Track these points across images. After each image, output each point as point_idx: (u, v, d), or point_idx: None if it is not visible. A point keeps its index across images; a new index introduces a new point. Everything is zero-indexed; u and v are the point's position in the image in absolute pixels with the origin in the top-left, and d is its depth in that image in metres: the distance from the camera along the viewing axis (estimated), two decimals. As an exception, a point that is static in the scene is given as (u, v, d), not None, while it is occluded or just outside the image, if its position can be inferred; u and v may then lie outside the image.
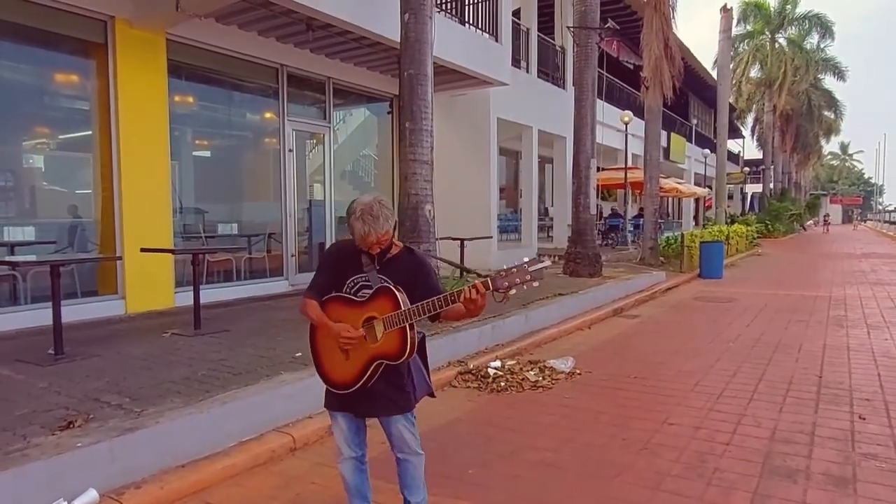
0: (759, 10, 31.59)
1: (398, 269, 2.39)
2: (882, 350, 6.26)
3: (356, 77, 10.10)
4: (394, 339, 2.31)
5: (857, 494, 3.12)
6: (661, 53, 13.51)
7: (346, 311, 2.38)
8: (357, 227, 2.28)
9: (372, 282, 2.37)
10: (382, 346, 2.33)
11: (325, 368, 2.48)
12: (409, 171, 6.61)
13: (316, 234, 9.81)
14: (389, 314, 2.29)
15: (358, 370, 2.37)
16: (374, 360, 2.34)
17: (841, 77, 35.51)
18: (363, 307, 2.35)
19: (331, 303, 2.42)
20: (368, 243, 2.31)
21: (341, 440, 2.56)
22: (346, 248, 2.45)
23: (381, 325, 2.32)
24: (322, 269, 2.51)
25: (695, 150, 28.70)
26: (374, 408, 2.47)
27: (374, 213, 2.27)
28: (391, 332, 2.30)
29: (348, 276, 2.41)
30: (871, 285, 11.74)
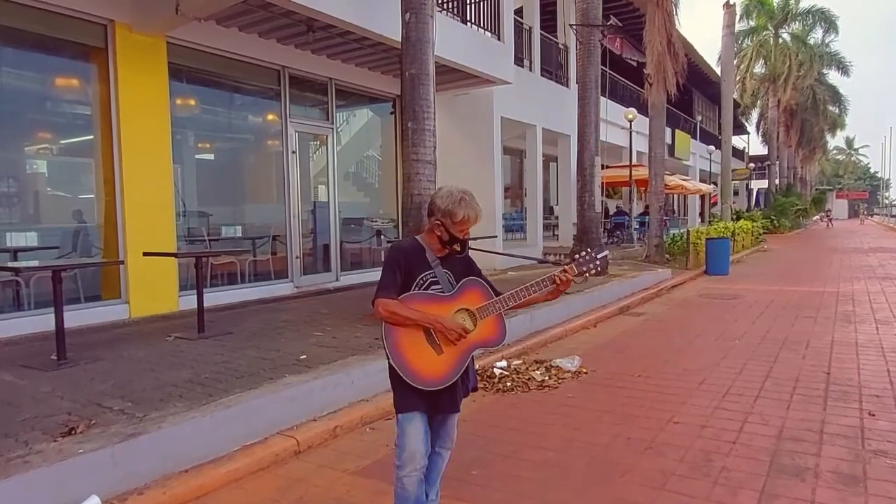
0: (762, 5, 31.41)
1: (457, 264, 2.54)
2: (891, 345, 6.19)
3: (358, 78, 10.09)
4: (492, 326, 2.48)
5: (867, 493, 3.08)
6: (665, 50, 13.46)
7: (434, 307, 2.43)
8: (463, 211, 2.44)
9: (438, 277, 2.48)
10: (481, 334, 2.46)
11: (416, 367, 2.39)
12: (412, 171, 6.58)
13: (320, 235, 9.82)
14: (483, 304, 2.45)
15: (456, 362, 2.44)
16: (472, 348, 2.48)
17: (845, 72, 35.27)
18: (452, 301, 2.45)
19: (413, 301, 2.42)
20: (467, 229, 2.48)
21: (416, 449, 2.44)
22: (410, 247, 2.55)
23: (473, 315, 2.45)
24: (392, 269, 2.48)
25: (699, 146, 28.56)
26: (454, 402, 2.54)
27: (472, 197, 2.50)
28: (487, 319, 2.46)
29: (417, 274, 2.48)
30: (879, 280, 11.64)
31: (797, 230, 31.96)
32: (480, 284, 2.49)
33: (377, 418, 4.31)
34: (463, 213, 2.43)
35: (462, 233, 2.48)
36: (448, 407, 2.54)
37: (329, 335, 5.70)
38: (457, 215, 2.43)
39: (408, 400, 2.45)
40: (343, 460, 3.62)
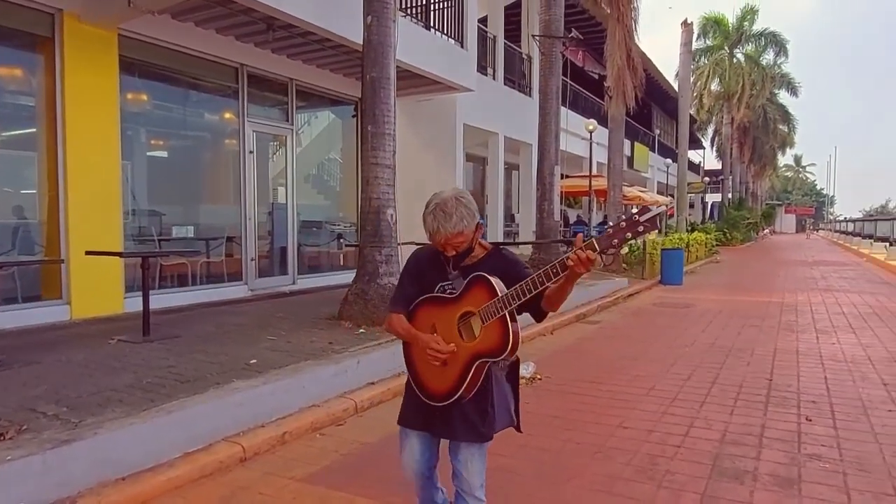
0: (718, 25, 32.50)
1: (485, 269, 2.11)
2: (829, 354, 6.43)
3: (320, 79, 10.00)
4: (493, 333, 2.03)
5: (801, 495, 3.18)
6: (624, 64, 13.78)
7: (438, 311, 2.16)
8: (427, 223, 2.10)
9: (456, 287, 2.15)
10: (482, 343, 2.06)
11: (423, 379, 2.22)
12: (371, 175, 6.54)
13: (278, 238, 9.66)
14: (486, 304, 2.02)
15: (457, 375, 2.10)
16: (474, 359, 2.07)
17: (794, 93, 36.83)
18: (456, 303, 2.11)
19: (421, 307, 2.22)
20: (437, 242, 2.11)
21: (407, 462, 2.34)
22: (427, 255, 2.26)
23: (479, 319, 2.06)
24: (405, 280, 2.30)
25: (657, 159, 29.29)
26: (450, 428, 2.20)
27: (448, 210, 2.05)
28: (489, 325, 2.03)
29: (432, 282, 2.21)
30: (821, 292, 12.10)
31: (748, 243, 33.03)
32: (485, 281, 2.04)
33: (328, 424, 4.25)
34: (425, 221, 2.13)
35: (438, 246, 2.13)
36: (441, 430, 2.24)
37: (283, 340, 5.59)
38: (424, 223, 2.14)
39: (402, 413, 2.35)
40: (291, 467, 3.54)
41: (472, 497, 2.23)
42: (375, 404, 4.75)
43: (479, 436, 2.18)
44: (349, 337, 5.75)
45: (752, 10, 32.41)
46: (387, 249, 6.58)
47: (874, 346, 6.81)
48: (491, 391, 2.19)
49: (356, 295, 6.51)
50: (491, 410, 2.18)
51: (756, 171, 45.20)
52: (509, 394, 2.28)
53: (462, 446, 2.21)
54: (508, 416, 2.27)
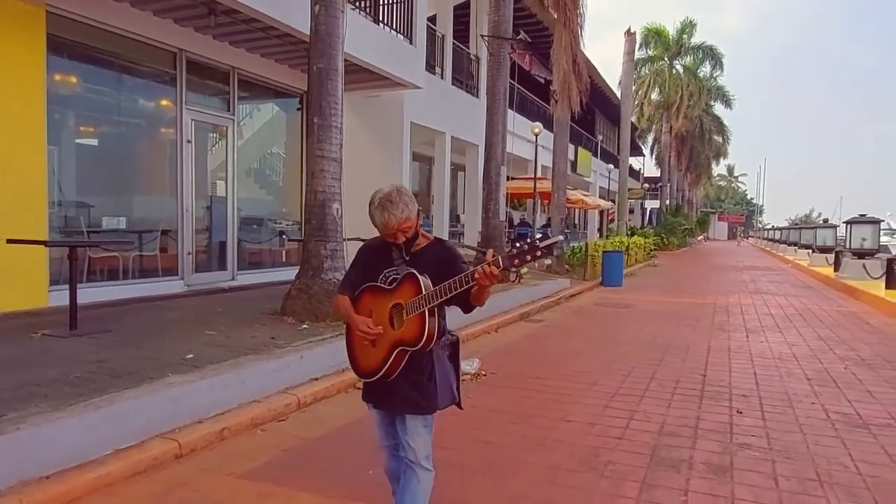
0: (659, 37, 33.67)
1: (427, 260, 2.38)
2: (758, 351, 6.75)
3: (264, 69, 9.75)
4: (413, 325, 2.29)
5: (733, 481, 3.31)
6: (570, 69, 14.06)
7: (375, 300, 2.40)
8: (377, 217, 2.30)
9: (401, 274, 2.38)
10: (403, 333, 2.32)
11: (356, 356, 2.49)
12: (317, 167, 6.42)
13: (217, 232, 9.35)
14: (412, 299, 2.29)
15: (381, 358, 2.36)
16: (395, 346, 2.33)
17: (728, 105, 38.60)
18: (390, 295, 2.36)
19: (363, 294, 2.45)
20: (390, 231, 2.31)
21: (377, 430, 2.61)
22: (376, 245, 2.49)
23: (405, 311, 2.32)
24: (354, 266, 2.55)
25: (600, 164, 30.07)
26: (391, 405, 2.45)
27: (393, 200, 2.28)
28: (412, 317, 2.29)
29: (378, 271, 2.43)
30: (750, 294, 12.71)
31: (684, 248, 34.33)
32: (416, 279, 2.29)
33: (269, 420, 4.13)
34: (372, 216, 2.33)
35: (388, 237, 2.34)
36: (384, 405, 2.47)
37: (222, 335, 5.41)
38: (373, 219, 2.34)
39: (363, 390, 2.58)
40: (229, 463, 3.42)
41: (418, 466, 2.41)
42: (319, 400, 4.66)
43: (420, 408, 2.39)
44: (292, 332, 5.61)
45: (691, 24, 33.78)
46: (332, 244, 6.47)
47: (799, 344, 7.19)
48: (431, 369, 2.39)
49: (300, 290, 6.37)
50: (431, 386, 2.39)
51: (692, 180, 47.08)
52: (451, 372, 2.49)
53: (407, 419, 2.40)
54: (451, 392, 2.48)
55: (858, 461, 3.61)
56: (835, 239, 19.05)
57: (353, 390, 5.00)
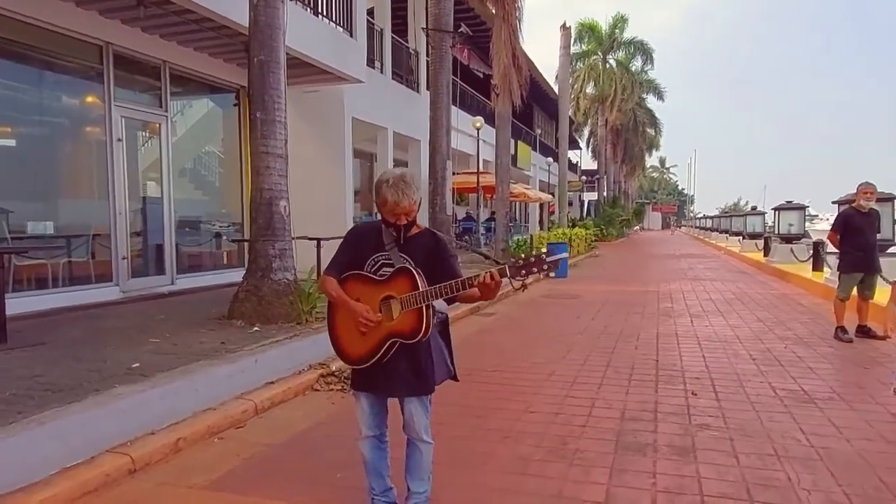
0: (592, 32, 34.50)
1: (419, 249, 2.44)
2: (704, 335, 7.00)
3: (198, 63, 9.35)
4: (410, 319, 2.35)
5: (697, 461, 3.40)
6: (510, 62, 14.18)
7: (364, 289, 2.42)
8: (390, 195, 2.33)
9: (393, 259, 2.42)
10: (398, 325, 2.36)
11: (342, 343, 2.52)
12: (262, 164, 6.19)
13: (152, 235, 8.90)
14: (407, 294, 2.33)
15: (372, 347, 2.41)
16: (388, 338, 2.38)
17: (661, 97, 40.01)
18: (382, 286, 2.39)
19: (350, 280, 2.46)
20: (398, 212, 2.35)
21: (361, 419, 2.62)
22: (367, 228, 2.56)
23: (399, 304, 2.35)
24: (343, 248, 2.55)
25: (539, 158, 30.55)
26: (391, 387, 2.51)
27: (407, 182, 2.35)
28: (408, 311, 2.34)
29: (370, 255, 2.46)
30: (690, 281, 13.20)
31: (622, 238, 35.38)
32: (411, 274, 2.36)
33: (226, 427, 3.95)
34: (384, 195, 2.35)
35: (392, 217, 2.39)
36: (385, 390, 2.54)
37: (168, 342, 5.14)
38: (379, 194, 2.38)
39: (353, 378, 2.63)
40: (188, 475, 3.24)
41: (420, 441, 2.60)
42: (276, 404, 4.50)
43: (419, 390, 2.52)
44: (243, 336, 5.40)
45: (623, 19, 34.78)
46: (280, 243, 6.27)
47: (741, 326, 7.50)
48: (428, 350, 2.48)
49: (248, 292, 6.14)
50: (429, 367, 2.49)
51: (628, 172, 48.61)
52: (444, 348, 2.60)
53: (406, 400, 2.54)
54: (446, 367, 2.61)
55: (809, 434, 3.78)
56: (763, 225, 20.09)
57: (311, 392, 4.87)
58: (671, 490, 3.04)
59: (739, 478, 3.17)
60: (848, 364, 5.64)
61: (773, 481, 3.13)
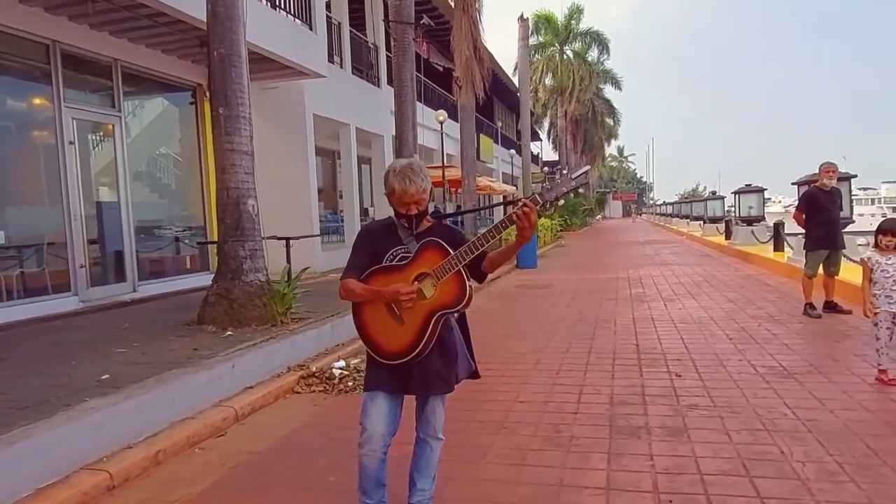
0: (549, 23, 34.73)
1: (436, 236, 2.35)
2: (679, 318, 7.08)
3: (151, 61, 9.01)
4: (449, 287, 2.25)
5: (691, 441, 3.40)
6: (472, 55, 14.13)
7: (391, 278, 2.31)
8: (397, 184, 2.28)
9: (412, 251, 2.33)
10: (439, 298, 2.26)
11: (379, 341, 2.36)
12: (227, 162, 5.98)
13: (110, 241, 8.53)
14: (440, 263, 2.24)
15: (418, 329, 2.27)
16: (433, 314, 2.27)
17: (618, 87, 40.59)
18: (408, 268, 2.30)
19: (373, 276, 2.35)
20: (407, 200, 2.29)
21: (374, 422, 2.38)
22: (379, 226, 2.48)
23: (433, 277, 2.26)
24: (357, 250, 2.44)
25: (501, 150, 30.65)
26: (427, 383, 2.38)
27: (414, 169, 2.30)
28: (445, 281, 2.24)
29: (385, 251, 2.37)
30: (657, 266, 13.40)
31: (585, 227, 35.82)
32: (436, 244, 2.28)
33: (206, 437, 3.79)
34: (392, 185, 2.30)
35: (402, 207, 2.32)
36: (420, 386, 2.39)
37: (137, 351, 4.91)
38: (387, 185, 2.32)
39: (372, 378, 2.43)
40: (172, 489, 3.08)
41: (435, 439, 2.55)
42: (257, 410, 4.35)
43: (449, 387, 2.46)
44: (216, 341, 5.21)
45: (578, 10, 35.09)
46: (251, 243, 6.07)
47: (713, 308, 7.62)
48: (454, 342, 2.42)
49: (219, 295, 5.92)
50: (454, 360, 2.42)
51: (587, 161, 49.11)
52: (463, 342, 2.51)
53: (431, 398, 2.47)
54: (468, 362, 2.52)
55: (794, 408, 3.83)
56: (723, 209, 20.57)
57: (292, 395, 4.73)
58: (671, 471, 3.02)
59: (734, 454, 3.18)
60: (820, 338, 5.78)
61: (767, 455, 3.15)
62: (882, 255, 4.33)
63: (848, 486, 2.76)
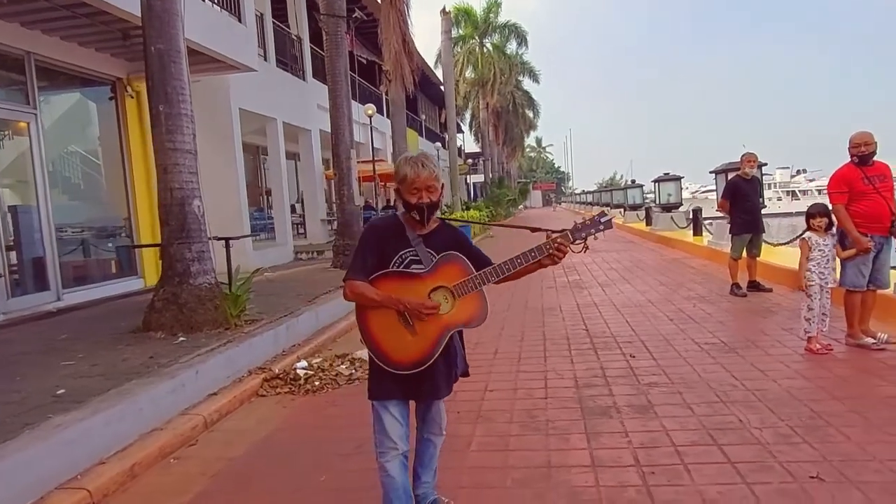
0: (468, 16, 35.07)
1: (444, 241, 2.33)
2: (620, 302, 7.46)
3: (68, 54, 8.41)
4: (470, 305, 2.25)
5: (659, 416, 3.65)
6: (401, 48, 14.11)
7: (406, 286, 2.24)
8: (409, 169, 2.23)
9: (421, 255, 2.28)
10: (458, 314, 2.24)
11: (389, 350, 2.28)
12: (170, 161, 5.73)
13: (27, 248, 7.93)
14: (461, 281, 2.22)
15: (431, 343, 2.24)
16: (448, 329, 2.26)
17: (536, 80, 41.60)
18: (426, 279, 2.25)
19: (383, 281, 2.27)
20: (419, 185, 2.23)
21: (389, 432, 2.33)
22: (388, 225, 2.39)
23: (450, 293, 2.23)
24: (364, 250, 2.35)
25: (425, 143, 30.72)
26: (436, 387, 2.35)
27: (422, 159, 2.26)
28: (465, 298, 2.24)
29: (395, 252, 2.29)
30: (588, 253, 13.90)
31: (510, 218, 36.59)
32: (459, 259, 2.26)
33: (178, 446, 3.68)
34: (403, 171, 2.25)
35: (413, 196, 2.25)
36: (429, 393, 2.37)
37: (86, 363, 4.65)
38: (398, 173, 2.28)
39: (381, 386, 2.35)
40: (155, 502, 2.99)
41: (439, 435, 2.57)
42: (224, 416, 4.26)
43: (451, 388, 2.45)
44: (171, 347, 5.01)
45: (497, 3, 35.61)
46: (197, 245, 5.86)
47: (648, 291, 8.08)
48: (455, 349, 2.43)
49: (166, 300, 5.68)
50: (455, 364, 2.44)
51: (509, 153, 50.20)
52: (460, 343, 2.53)
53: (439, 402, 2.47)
54: (463, 363, 2.53)
55: (742, 379, 4.18)
56: (642, 197, 21.64)
57: (257, 399, 4.66)
58: (646, 445, 3.25)
59: (699, 426, 3.46)
60: (749, 315, 6.28)
61: (728, 424, 3.44)
62: (819, 236, 4.79)
63: (803, 447, 3.07)
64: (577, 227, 2.31)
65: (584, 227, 2.32)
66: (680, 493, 2.72)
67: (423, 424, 2.53)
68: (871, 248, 4.63)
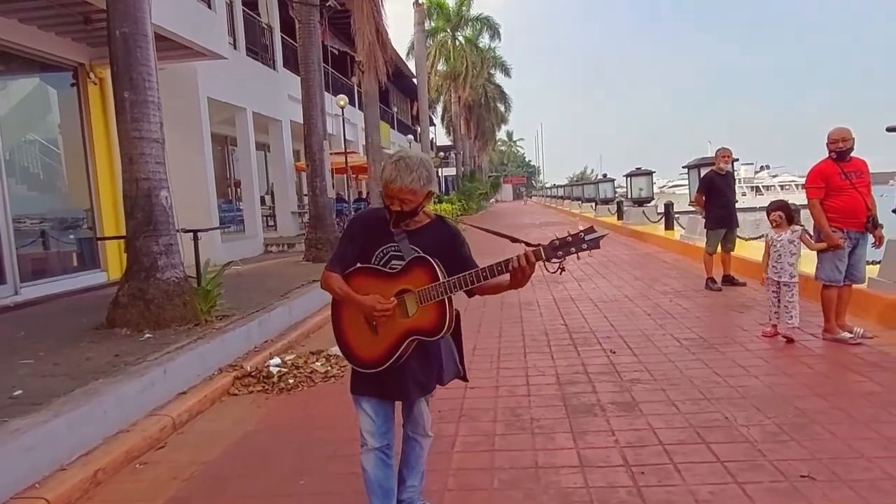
0: (440, 8, 34.83)
1: (430, 239, 2.22)
2: (597, 297, 7.45)
3: (26, 38, 8.01)
4: (430, 314, 2.12)
5: (644, 414, 3.61)
6: (374, 39, 13.87)
7: (375, 283, 2.18)
8: (387, 171, 2.12)
9: (403, 251, 2.19)
10: (417, 321, 2.13)
11: (352, 346, 2.27)
12: (136, 151, 5.47)
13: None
14: (426, 287, 2.10)
15: (389, 346, 2.17)
16: (407, 335, 2.15)
17: (508, 74, 41.62)
18: (395, 279, 2.16)
19: (357, 275, 2.23)
20: (391, 191, 2.11)
21: (365, 428, 2.32)
22: (374, 216, 2.29)
23: (416, 298, 2.12)
24: (346, 239, 2.30)
25: (398, 136, 30.46)
26: (403, 390, 2.27)
27: (410, 165, 2.10)
28: (427, 305, 2.11)
29: (377, 246, 2.23)
30: (560, 246, 13.97)
31: (482, 211, 36.59)
32: (429, 263, 2.13)
33: (146, 449, 3.51)
34: (386, 171, 2.12)
35: (387, 198, 2.14)
36: (396, 393, 2.29)
37: (46, 362, 4.41)
38: (383, 170, 2.17)
39: (353, 382, 2.33)
40: (123, 511, 2.82)
41: (424, 436, 2.48)
42: (194, 416, 4.08)
43: (428, 391, 2.36)
44: (137, 345, 4.79)
45: (469, -5, 35.43)
46: (165, 238, 5.62)
47: (624, 286, 8.08)
48: (438, 352, 2.31)
49: (132, 296, 5.44)
50: (437, 365, 2.32)
51: (480, 146, 50.18)
52: (453, 347, 2.42)
53: (420, 401, 2.38)
54: (455, 367, 2.43)
55: (725, 376, 4.17)
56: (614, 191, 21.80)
57: (228, 398, 4.49)
58: (634, 444, 3.19)
59: (686, 424, 3.42)
60: (726, 310, 6.32)
61: (714, 422, 3.42)
62: (775, 233, 4.84)
63: (791, 445, 3.05)
64: (555, 245, 2.01)
65: (563, 244, 2.00)
66: (671, 494, 2.67)
67: (406, 423, 2.47)
68: (843, 245, 4.68)
